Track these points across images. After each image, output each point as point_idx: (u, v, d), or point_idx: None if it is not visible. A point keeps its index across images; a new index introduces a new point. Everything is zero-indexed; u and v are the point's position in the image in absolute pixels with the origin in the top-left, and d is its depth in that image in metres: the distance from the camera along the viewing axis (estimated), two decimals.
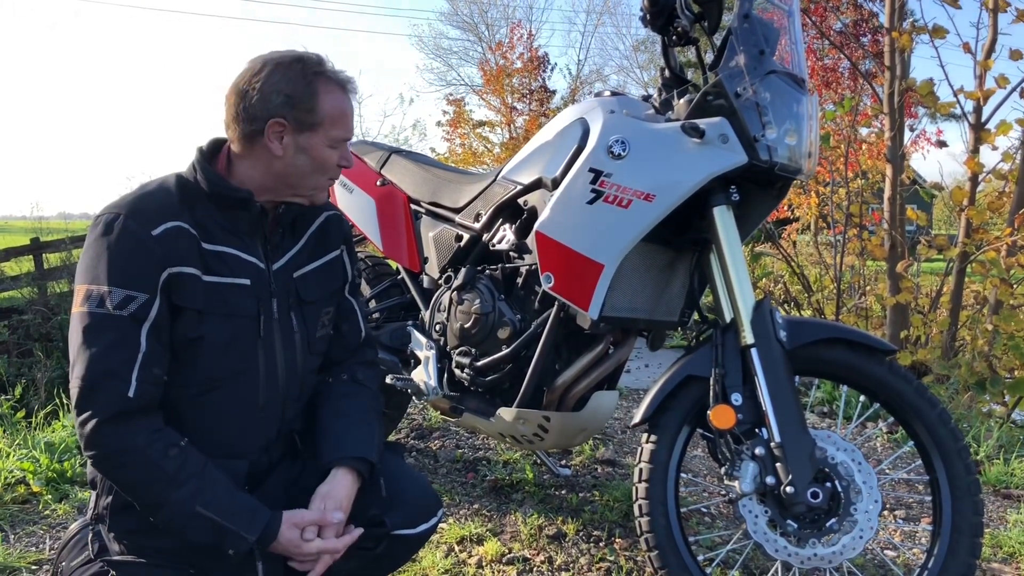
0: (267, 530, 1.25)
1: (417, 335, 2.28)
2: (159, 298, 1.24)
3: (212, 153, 1.39)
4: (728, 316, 1.74)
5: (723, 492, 2.57)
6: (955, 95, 4.29)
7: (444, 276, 2.27)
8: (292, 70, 1.32)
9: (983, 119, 4.35)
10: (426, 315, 2.31)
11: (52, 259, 7.77)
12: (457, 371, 2.16)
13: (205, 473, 1.25)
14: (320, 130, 1.34)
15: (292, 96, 1.31)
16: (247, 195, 1.34)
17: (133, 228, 1.24)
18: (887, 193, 4.79)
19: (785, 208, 6.91)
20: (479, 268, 2.17)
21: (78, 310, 1.23)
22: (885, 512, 2.51)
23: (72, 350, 1.23)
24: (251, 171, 1.35)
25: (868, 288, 5.73)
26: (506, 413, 2.02)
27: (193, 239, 1.29)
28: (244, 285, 1.33)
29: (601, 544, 2.17)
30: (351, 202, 2.57)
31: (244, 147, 1.34)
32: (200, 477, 1.24)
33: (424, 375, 2.19)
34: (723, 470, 1.71)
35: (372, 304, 2.60)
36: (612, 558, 2.08)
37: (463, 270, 2.15)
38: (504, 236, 2.11)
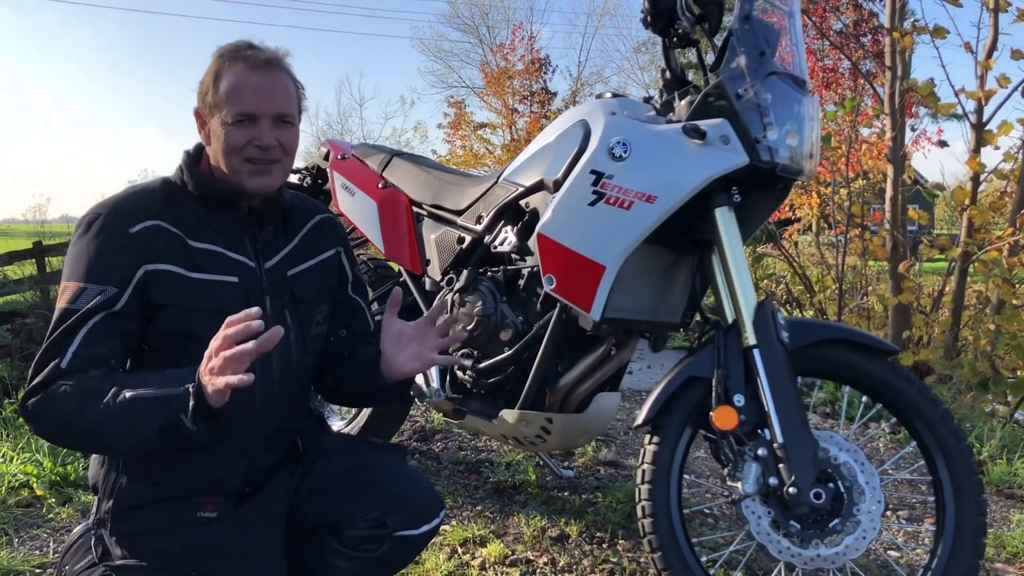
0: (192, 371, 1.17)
1: None
2: (130, 292, 1.26)
3: (199, 155, 1.41)
4: (730, 317, 1.74)
5: (726, 493, 2.56)
6: (956, 95, 4.29)
7: (446, 278, 2.27)
8: (213, 62, 1.35)
9: (984, 119, 4.34)
10: None
11: (54, 262, 7.75)
12: (459, 373, 2.16)
13: (129, 374, 1.25)
14: (220, 111, 1.33)
15: (203, 84, 1.35)
16: (232, 194, 1.35)
17: (111, 225, 1.28)
18: (888, 193, 4.79)
19: (787, 209, 6.92)
20: (481, 270, 2.17)
21: (58, 306, 1.26)
22: (888, 513, 2.51)
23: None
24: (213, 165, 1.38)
25: (870, 288, 5.73)
26: (508, 415, 2.02)
27: (175, 237, 1.31)
28: (231, 283, 1.34)
29: (604, 546, 2.17)
30: (353, 205, 2.57)
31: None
32: (124, 376, 1.23)
33: (426, 377, 2.19)
34: (726, 471, 1.70)
35: (374, 307, 2.60)
36: (615, 559, 2.08)
37: (465, 272, 2.16)
38: (506, 238, 2.11)
